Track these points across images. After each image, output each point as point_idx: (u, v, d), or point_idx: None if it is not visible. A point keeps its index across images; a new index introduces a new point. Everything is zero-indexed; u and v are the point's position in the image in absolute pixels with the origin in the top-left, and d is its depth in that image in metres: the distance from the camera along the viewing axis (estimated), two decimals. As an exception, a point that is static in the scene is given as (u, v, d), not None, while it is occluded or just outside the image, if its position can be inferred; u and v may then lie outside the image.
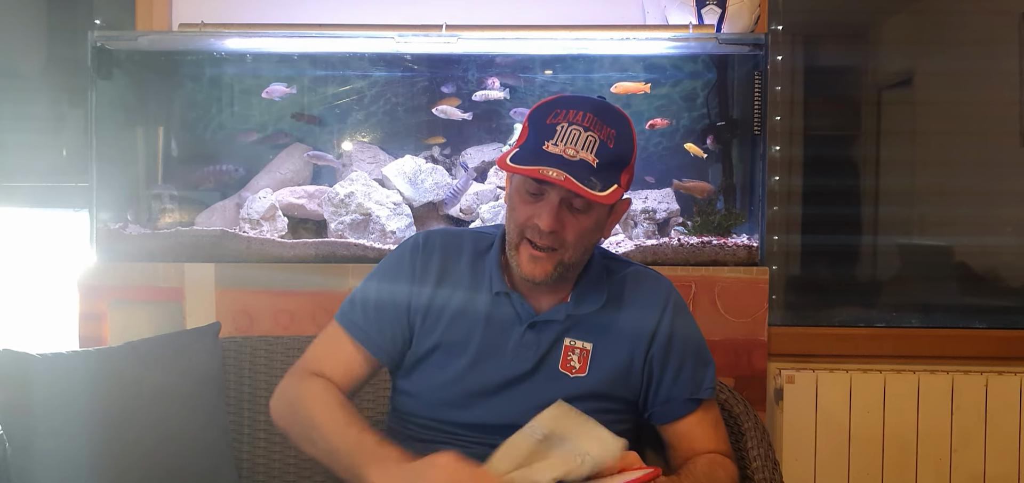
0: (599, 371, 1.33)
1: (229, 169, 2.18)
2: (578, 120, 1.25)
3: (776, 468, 1.48)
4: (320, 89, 2.29)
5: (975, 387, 2.10)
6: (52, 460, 1.40)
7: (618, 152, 1.26)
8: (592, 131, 1.24)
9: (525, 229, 1.28)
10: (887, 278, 2.58)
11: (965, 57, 2.51)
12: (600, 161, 1.23)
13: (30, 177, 2.33)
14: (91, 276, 1.96)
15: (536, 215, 1.26)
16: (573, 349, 1.34)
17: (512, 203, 1.30)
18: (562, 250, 1.28)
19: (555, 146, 1.23)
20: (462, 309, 1.35)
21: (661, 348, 1.36)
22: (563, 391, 1.31)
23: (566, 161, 1.22)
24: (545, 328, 1.34)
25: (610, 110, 1.29)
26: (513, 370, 1.32)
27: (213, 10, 2.14)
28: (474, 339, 1.34)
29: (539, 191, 1.27)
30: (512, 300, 1.35)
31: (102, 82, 2.02)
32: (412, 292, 1.36)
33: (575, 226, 1.27)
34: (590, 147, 1.23)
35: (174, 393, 1.55)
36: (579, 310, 1.35)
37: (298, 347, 1.73)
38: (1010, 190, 2.49)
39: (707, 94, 2.24)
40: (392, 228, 2.05)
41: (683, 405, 1.36)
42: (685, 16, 2.05)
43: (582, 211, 1.27)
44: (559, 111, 1.26)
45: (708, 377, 1.39)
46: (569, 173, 1.20)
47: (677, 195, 2.21)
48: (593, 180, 1.22)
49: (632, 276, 1.41)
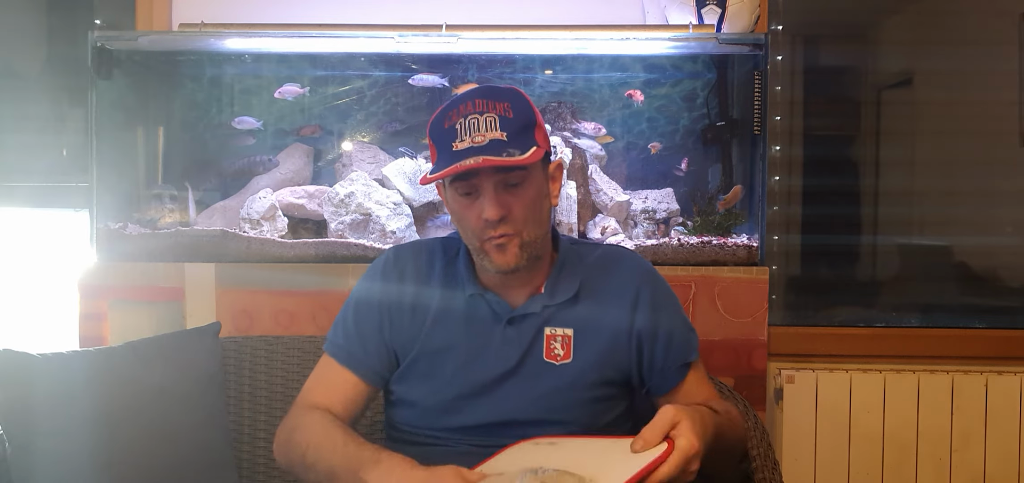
0: (583, 355, 1.34)
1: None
2: (471, 110, 1.28)
3: (776, 468, 1.48)
4: (320, 89, 2.29)
5: (975, 387, 2.10)
6: (52, 460, 1.41)
7: (520, 119, 1.28)
8: (488, 112, 1.27)
9: (479, 230, 1.29)
10: (887, 278, 2.58)
11: (965, 57, 2.51)
12: (508, 132, 1.26)
13: (30, 177, 2.33)
14: (91, 276, 1.96)
15: (481, 211, 1.28)
16: (555, 337, 1.35)
17: (457, 215, 1.33)
18: (518, 230, 1.29)
19: (461, 142, 1.26)
20: (440, 316, 1.37)
21: (646, 322, 1.37)
22: (551, 380, 1.33)
23: (477, 148, 1.24)
24: (524, 322, 1.35)
25: (495, 88, 1.32)
26: (498, 368, 1.34)
27: (213, 10, 2.14)
28: (456, 343, 1.35)
29: (472, 190, 1.29)
30: (487, 300, 1.36)
31: (102, 82, 2.02)
32: (390, 308, 1.39)
33: (520, 203, 1.29)
34: (493, 126, 1.26)
35: (174, 393, 1.56)
36: (554, 299, 1.36)
37: (298, 347, 1.74)
38: (1010, 190, 2.49)
39: (707, 94, 2.24)
40: (392, 228, 2.05)
41: (678, 372, 1.38)
42: (685, 16, 2.05)
43: (519, 185, 1.29)
44: (451, 112, 1.29)
45: (693, 338, 1.41)
46: (484, 155, 1.23)
47: (677, 195, 2.21)
48: (510, 150, 1.24)
49: (603, 257, 1.43)
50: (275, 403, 1.71)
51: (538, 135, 1.30)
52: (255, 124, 2.21)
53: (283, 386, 1.71)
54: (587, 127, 2.17)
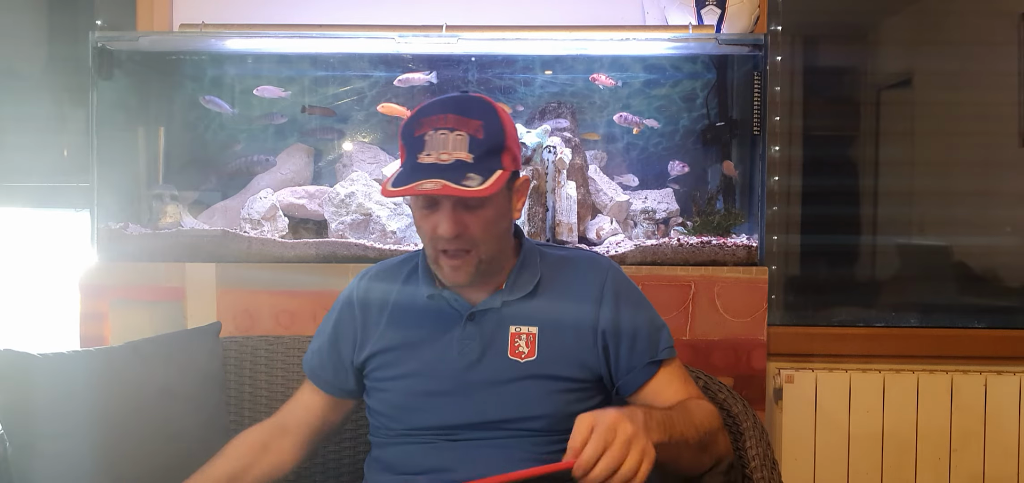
0: (547, 353, 1.35)
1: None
2: (442, 124, 1.27)
3: (775, 468, 1.48)
4: (320, 89, 2.29)
5: (974, 387, 2.10)
6: (53, 460, 1.41)
7: (490, 140, 1.28)
8: (458, 130, 1.26)
9: (435, 241, 1.31)
10: (886, 278, 2.59)
11: (965, 57, 2.51)
12: (475, 155, 1.25)
13: (31, 177, 2.33)
14: (92, 276, 1.96)
15: (437, 225, 1.29)
16: (519, 335, 1.36)
17: (416, 223, 1.35)
18: (475, 249, 1.31)
19: (427, 156, 1.26)
20: (402, 323, 1.41)
21: (610, 324, 1.37)
22: (516, 375, 1.34)
23: (441, 167, 1.24)
24: (484, 317, 1.37)
25: (471, 102, 1.30)
26: (461, 362, 1.35)
27: (214, 10, 2.15)
28: (420, 344, 1.38)
29: (431, 203, 1.29)
30: (446, 298, 1.38)
31: (103, 82, 2.02)
32: (354, 325, 1.45)
33: (477, 222, 1.29)
34: (460, 146, 1.26)
35: (175, 393, 1.56)
36: (514, 294, 1.37)
37: (298, 347, 1.74)
38: (1010, 190, 2.49)
39: (707, 94, 2.25)
40: (392, 228, 2.06)
41: (645, 371, 1.38)
42: (685, 16, 2.05)
43: (478, 207, 1.29)
44: (423, 120, 1.29)
45: (663, 338, 1.40)
46: (446, 178, 1.22)
47: (676, 195, 2.21)
48: (471, 175, 1.24)
49: (566, 258, 1.45)
50: (275, 403, 1.70)
51: (506, 158, 1.30)
52: (227, 108, 2.21)
53: (283, 386, 1.71)
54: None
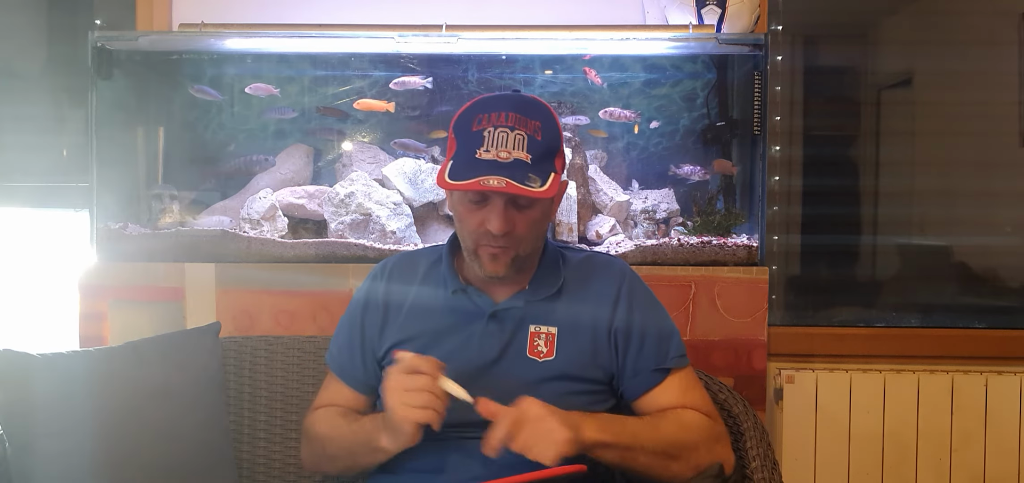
0: (566, 353, 1.36)
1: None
2: (503, 121, 1.28)
3: (775, 468, 1.48)
4: (320, 89, 2.29)
5: (975, 387, 2.10)
6: (52, 460, 1.41)
7: (547, 142, 1.29)
8: (519, 129, 1.27)
9: (478, 236, 1.32)
10: (887, 278, 2.58)
11: (965, 57, 2.51)
12: (533, 156, 1.27)
13: (30, 177, 2.33)
14: (91, 276, 1.96)
15: (485, 221, 1.29)
16: (539, 335, 1.37)
17: (458, 214, 1.34)
18: (517, 245, 1.32)
19: (487, 152, 1.26)
20: (424, 315, 1.41)
21: (622, 326, 1.39)
22: (534, 374, 1.35)
23: (501, 164, 1.25)
24: (506, 316, 1.38)
25: (529, 103, 1.32)
26: (480, 359, 1.36)
27: (213, 10, 2.14)
28: (441, 338, 1.38)
29: (482, 198, 1.30)
30: (470, 294, 1.39)
31: (102, 82, 2.02)
32: (378, 316, 1.44)
33: (524, 221, 1.31)
34: (520, 145, 1.26)
35: (174, 393, 1.56)
36: (537, 295, 1.38)
37: (298, 347, 1.74)
38: (1010, 190, 2.49)
39: (707, 94, 2.24)
40: (392, 228, 2.05)
41: (651, 376, 1.38)
42: (685, 16, 2.05)
43: (528, 207, 1.31)
44: (482, 116, 1.29)
45: (673, 346, 1.41)
46: (508, 176, 1.23)
47: (677, 195, 2.21)
48: (531, 176, 1.25)
49: (586, 261, 1.46)
50: (275, 403, 1.71)
51: (558, 161, 1.32)
52: (216, 95, 2.21)
53: (283, 386, 1.71)
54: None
